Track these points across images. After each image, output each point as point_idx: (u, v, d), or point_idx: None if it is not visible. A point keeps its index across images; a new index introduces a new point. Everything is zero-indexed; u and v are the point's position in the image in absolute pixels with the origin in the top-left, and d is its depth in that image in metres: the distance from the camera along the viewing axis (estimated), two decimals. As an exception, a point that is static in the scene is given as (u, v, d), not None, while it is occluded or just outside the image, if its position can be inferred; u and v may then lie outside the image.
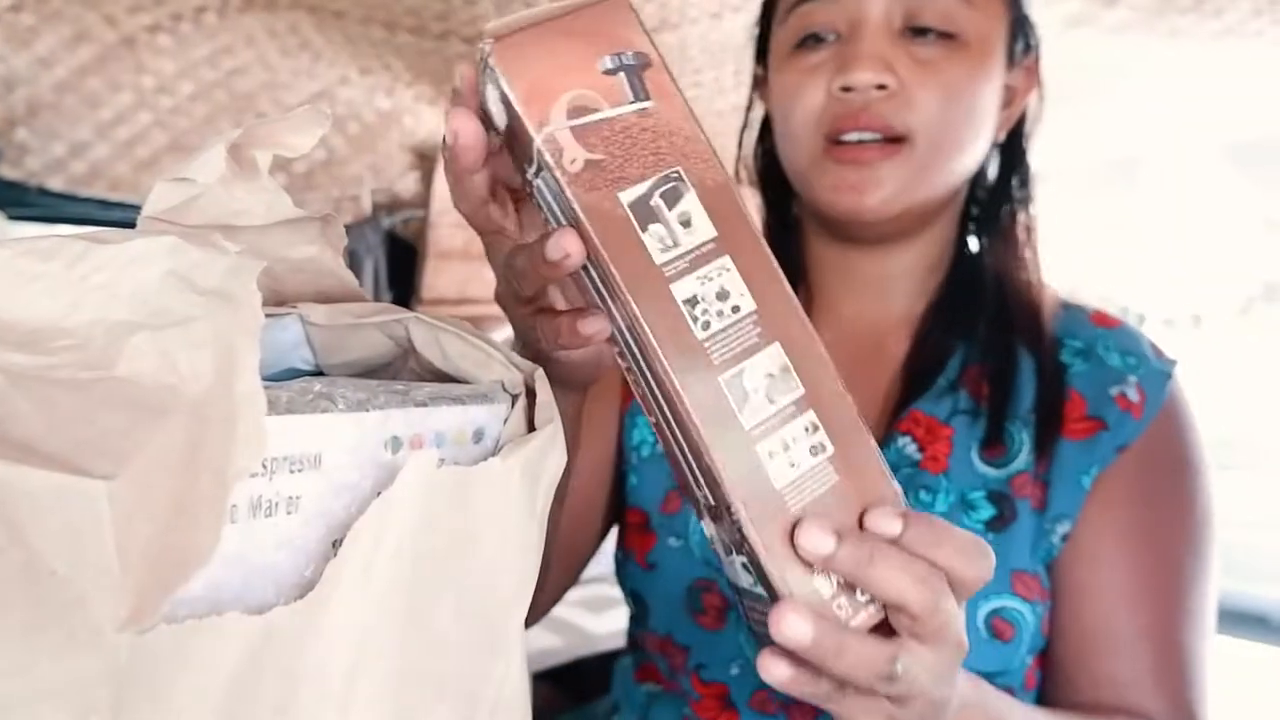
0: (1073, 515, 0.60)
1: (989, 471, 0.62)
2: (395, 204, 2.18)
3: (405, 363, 0.39)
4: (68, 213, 1.72)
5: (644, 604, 0.69)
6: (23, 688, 0.22)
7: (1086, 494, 0.60)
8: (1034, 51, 0.67)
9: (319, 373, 0.38)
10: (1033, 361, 0.64)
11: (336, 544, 0.29)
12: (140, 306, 0.27)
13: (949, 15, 0.59)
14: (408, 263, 2.19)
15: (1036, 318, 0.65)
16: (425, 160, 2.13)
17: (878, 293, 0.69)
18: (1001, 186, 0.68)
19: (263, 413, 0.25)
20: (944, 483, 0.62)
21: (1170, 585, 0.59)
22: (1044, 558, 0.61)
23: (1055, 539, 0.60)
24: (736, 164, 0.76)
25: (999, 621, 0.58)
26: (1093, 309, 0.68)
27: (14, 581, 0.22)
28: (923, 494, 0.61)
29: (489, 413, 0.35)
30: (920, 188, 0.61)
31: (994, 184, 0.69)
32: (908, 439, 0.63)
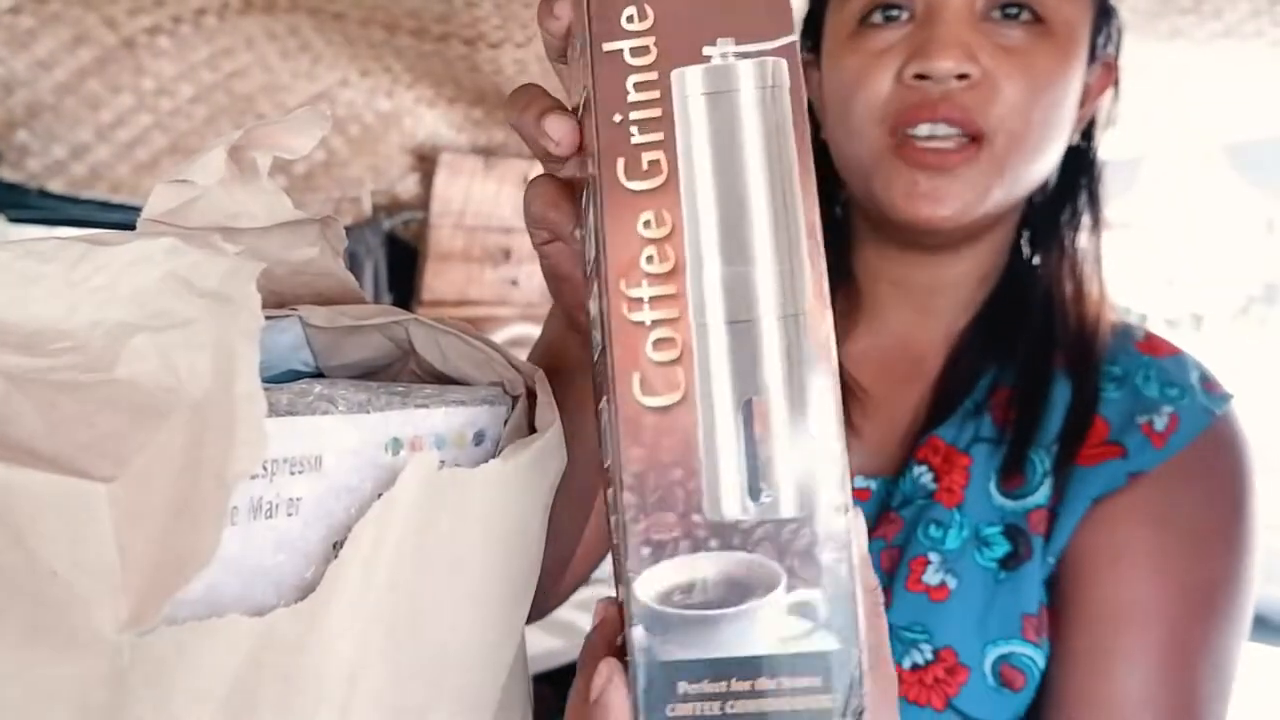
0: (1065, 539, 0.55)
1: (1006, 504, 0.56)
2: (395, 206, 2.18)
3: (405, 365, 0.39)
4: (68, 215, 1.73)
5: None
6: (23, 689, 0.22)
7: (1081, 518, 0.54)
8: (1115, 45, 0.60)
9: (319, 375, 0.38)
10: (1069, 387, 0.57)
11: (337, 546, 0.29)
12: (140, 308, 0.27)
13: None
14: (408, 264, 2.19)
15: (1086, 339, 0.58)
16: (425, 162, 2.13)
17: (925, 303, 0.63)
18: (1064, 194, 0.62)
19: (263, 414, 0.25)
20: (957, 517, 0.56)
21: (1175, 614, 0.52)
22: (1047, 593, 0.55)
23: (1051, 568, 0.55)
24: None
25: (1008, 669, 0.53)
26: (1145, 333, 0.60)
27: (14, 583, 0.22)
28: (933, 529, 0.56)
29: (489, 414, 0.35)
30: (996, 193, 0.55)
31: (1054, 191, 0.61)
32: (924, 468, 0.58)
